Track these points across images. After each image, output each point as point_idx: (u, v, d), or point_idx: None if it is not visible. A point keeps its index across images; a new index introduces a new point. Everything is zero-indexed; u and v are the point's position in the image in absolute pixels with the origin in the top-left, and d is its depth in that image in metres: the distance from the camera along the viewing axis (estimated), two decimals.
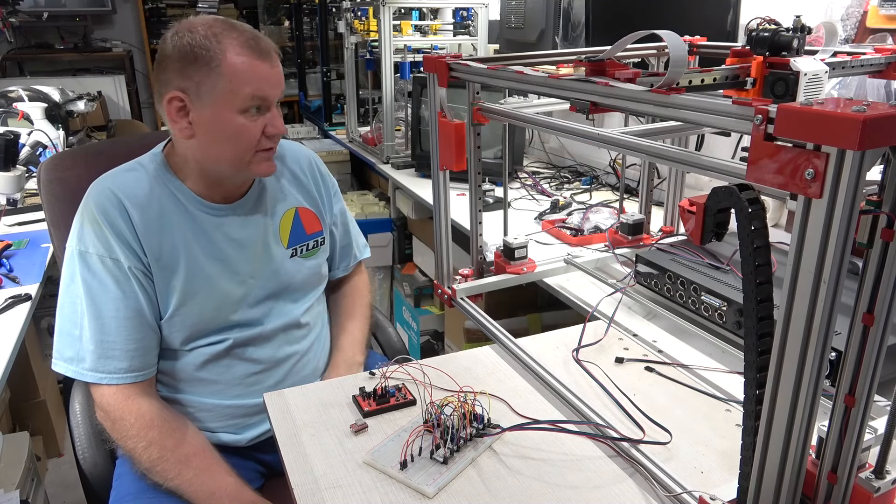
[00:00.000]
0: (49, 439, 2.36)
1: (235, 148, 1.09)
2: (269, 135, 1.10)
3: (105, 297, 1.08)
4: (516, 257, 1.39)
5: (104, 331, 1.08)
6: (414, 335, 2.73)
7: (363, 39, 2.95)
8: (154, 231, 1.11)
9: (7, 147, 1.98)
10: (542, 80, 0.96)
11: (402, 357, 1.09)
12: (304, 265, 1.27)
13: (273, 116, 1.10)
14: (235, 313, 1.18)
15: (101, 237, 1.08)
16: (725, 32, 1.55)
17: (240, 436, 1.21)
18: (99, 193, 1.11)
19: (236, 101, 1.05)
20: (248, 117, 1.07)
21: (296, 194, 1.28)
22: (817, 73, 0.89)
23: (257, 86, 1.06)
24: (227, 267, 1.17)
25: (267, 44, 1.09)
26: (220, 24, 1.07)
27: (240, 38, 1.06)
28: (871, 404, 0.65)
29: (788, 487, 0.66)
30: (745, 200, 0.59)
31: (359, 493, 0.84)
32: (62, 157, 1.42)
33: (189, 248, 1.13)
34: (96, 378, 1.08)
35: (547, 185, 2.33)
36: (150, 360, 1.12)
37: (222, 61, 1.04)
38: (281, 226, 1.24)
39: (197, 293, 1.13)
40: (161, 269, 1.11)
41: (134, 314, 1.09)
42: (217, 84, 1.04)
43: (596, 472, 0.87)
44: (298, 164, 1.31)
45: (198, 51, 1.04)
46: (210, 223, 1.16)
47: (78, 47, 5.21)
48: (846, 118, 0.51)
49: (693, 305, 1.19)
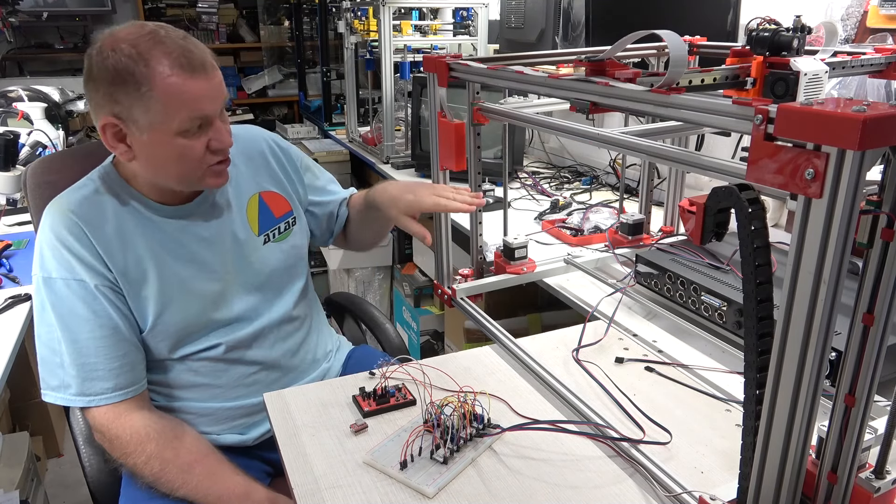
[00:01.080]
0: (49, 439, 2.36)
1: (180, 169, 1.05)
2: (214, 150, 1.06)
3: (77, 320, 1.05)
4: (516, 257, 1.39)
5: (83, 353, 1.05)
6: (414, 335, 2.73)
7: (363, 39, 2.95)
8: (115, 247, 1.07)
9: (7, 147, 1.98)
10: (542, 80, 0.96)
11: (403, 357, 1.09)
12: (280, 248, 1.25)
13: (216, 130, 1.05)
14: (217, 311, 1.16)
15: (62, 260, 1.05)
16: (725, 32, 1.55)
17: (245, 435, 1.20)
18: (53, 218, 1.07)
19: (173, 125, 1.00)
20: (188, 137, 1.02)
21: (256, 179, 1.25)
22: (817, 73, 0.89)
23: (193, 106, 1.00)
24: (200, 267, 1.14)
25: (199, 56, 1.01)
26: (145, 40, 0.98)
27: (168, 55, 0.98)
28: (871, 404, 0.65)
29: (788, 487, 0.66)
30: (745, 200, 0.59)
31: (359, 493, 0.84)
32: (51, 160, 1.36)
33: (156, 256, 1.11)
34: (85, 402, 1.06)
35: (547, 185, 2.33)
36: (135, 376, 1.10)
37: (152, 84, 0.97)
38: (248, 214, 1.22)
39: (173, 300, 1.11)
40: (130, 284, 1.08)
41: (109, 332, 1.06)
42: (150, 108, 0.98)
43: (596, 472, 0.87)
44: (254, 148, 1.28)
45: (125, 74, 0.97)
46: (174, 227, 1.13)
47: (78, 47, 5.20)
48: (846, 118, 0.51)
49: (693, 305, 1.19)
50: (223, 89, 1.06)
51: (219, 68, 1.06)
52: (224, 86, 1.06)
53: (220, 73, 1.06)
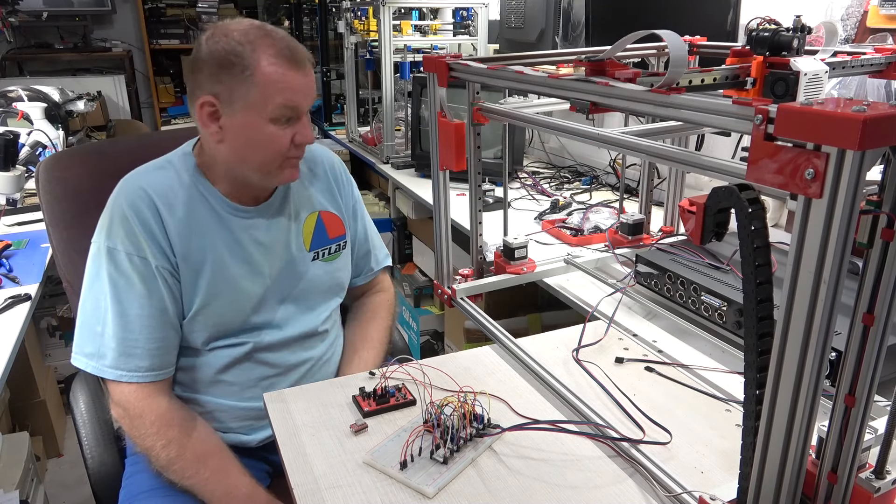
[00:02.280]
0: (49, 439, 2.36)
1: (263, 155, 1.10)
2: (298, 143, 1.11)
3: (131, 294, 1.08)
4: (516, 257, 1.39)
5: (128, 328, 1.08)
6: (414, 335, 2.73)
7: (363, 39, 2.95)
8: (183, 231, 1.11)
9: (7, 147, 1.98)
10: (542, 80, 0.96)
11: (402, 357, 1.09)
12: (326, 268, 1.28)
13: (302, 125, 1.11)
14: (256, 315, 1.18)
15: (131, 234, 1.08)
16: (725, 32, 1.55)
17: (250, 437, 1.21)
18: (130, 190, 1.11)
19: (267, 110, 1.05)
20: (278, 126, 1.07)
21: (320, 198, 1.29)
22: (817, 73, 0.89)
23: (289, 96, 1.06)
24: (251, 269, 1.17)
25: (302, 53, 1.08)
26: (255, 30, 1.06)
27: (274, 46, 1.05)
28: (871, 404, 0.65)
29: (788, 487, 0.65)
30: (745, 200, 0.59)
31: (359, 493, 0.84)
32: (61, 157, 1.41)
33: (216, 249, 1.14)
34: (116, 375, 1.08)
35: (547, 185, 2.33)
36: (169, 359, 1.13)
37: (255, 69, 1.03)
38: (304, 229, 1.25)
39: (221, 294, 1.14)
40: (188, 269, 1.12)
41: (158, 313, 1.09)
42: (249, 92, 1.04)
43: (596, 472, 0.87)
44: (323, 167, 1.32)
45: (232, 57, 1.03)
46: (238, 225, 1.17)
47: (78, 47, 5.20)
48: (846, 118, 0.51)
49: (693, 305, 1.19)
50: (314, 90, 1.12)
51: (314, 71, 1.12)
52: (315, 87, 1.11)
53: (314, 74, 1.12)
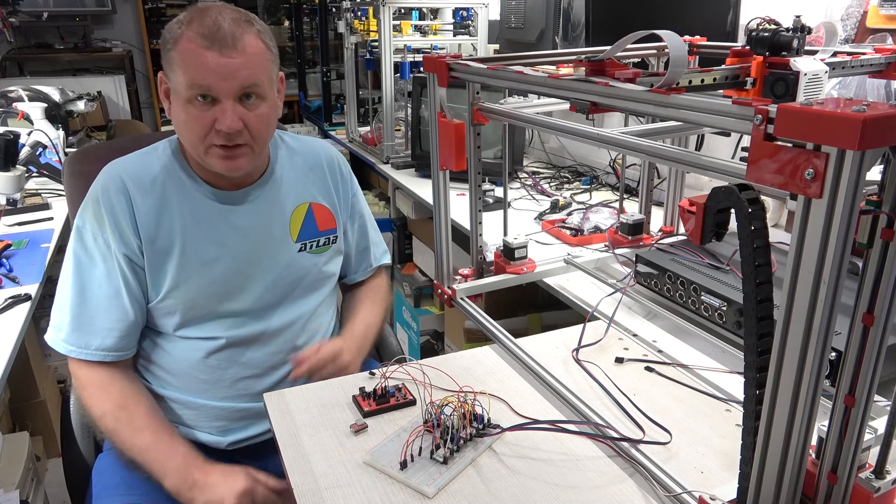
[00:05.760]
0: (49, 439, 2.35)
1: (188, 138, 1.10)
2: (217, 130, 1.05)
3: (92, 272, 1.12)
4: (516, 257, 1.39)
5: (84, 303, 1.12)
6: (414, 335, 2.73)
7: (363, 39, 2.95)
8: (152, 213, 1.13)
9: (7, 147, 1.98)
10: (542, 80, 0.96)
11: (402, 357, 1.09)
12: (313, 260, 1.27)
13: (221, 111, 1.04)
14: (229, 300, 1.17)
15: (98, 215, 1.12)
16: (725, 32, 1.55)
17: (220, 438, 1.20)
18: (107, 176, 1.14)
19: (182, 89, 1.04)
20: (195, 107, 1.04)
21: (313, 190, 1.28)
22: (817, 73, 0.89)
23: (198, 75, 1.02)
24: (225, 252, 1.17)
25: (229, 33, 1.02)
26: (196, 10, 1.05)
27: (202, 24, 1.02)
28: (871, 404, 0.65)
29: (788, 487, 0.66)
30: (745, 200, 0.59)
31: (359, 493, 0.84)
32: (87, 152, 1.48)
33: (187, 230, 1.14)
34: (67, 350, 1.12)
35: (547, 185, 2.33)
36: (124, 343, 1.14)
37: (175, 46, 1.04)
38: (292, 219, 1.24)
39: (191, 276, 1.14)
40: (155, 252, 1.13)
41: (114, 293, 1.12)
42: (172, 69, 1.05)
43: (596, 472, 0.87)
44: (318, 160, 1.31)
45: (167, 34, 1.06)
46: (213, 208, 1.17)
47: (78, 47, 5.21)
48: (846, 118, 0.51)
49: (693, 305, 1.19)
50: (248, 75, 1.04)
51: (265, 58, 1.07)
52: (255, 75, 1.05)
53: (255, 59, 1.05)
